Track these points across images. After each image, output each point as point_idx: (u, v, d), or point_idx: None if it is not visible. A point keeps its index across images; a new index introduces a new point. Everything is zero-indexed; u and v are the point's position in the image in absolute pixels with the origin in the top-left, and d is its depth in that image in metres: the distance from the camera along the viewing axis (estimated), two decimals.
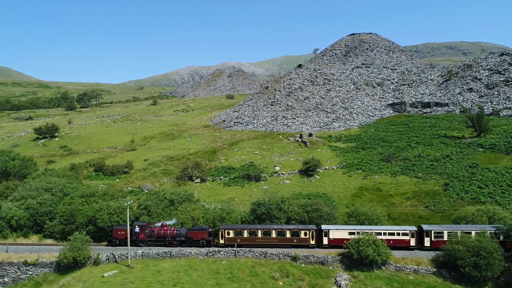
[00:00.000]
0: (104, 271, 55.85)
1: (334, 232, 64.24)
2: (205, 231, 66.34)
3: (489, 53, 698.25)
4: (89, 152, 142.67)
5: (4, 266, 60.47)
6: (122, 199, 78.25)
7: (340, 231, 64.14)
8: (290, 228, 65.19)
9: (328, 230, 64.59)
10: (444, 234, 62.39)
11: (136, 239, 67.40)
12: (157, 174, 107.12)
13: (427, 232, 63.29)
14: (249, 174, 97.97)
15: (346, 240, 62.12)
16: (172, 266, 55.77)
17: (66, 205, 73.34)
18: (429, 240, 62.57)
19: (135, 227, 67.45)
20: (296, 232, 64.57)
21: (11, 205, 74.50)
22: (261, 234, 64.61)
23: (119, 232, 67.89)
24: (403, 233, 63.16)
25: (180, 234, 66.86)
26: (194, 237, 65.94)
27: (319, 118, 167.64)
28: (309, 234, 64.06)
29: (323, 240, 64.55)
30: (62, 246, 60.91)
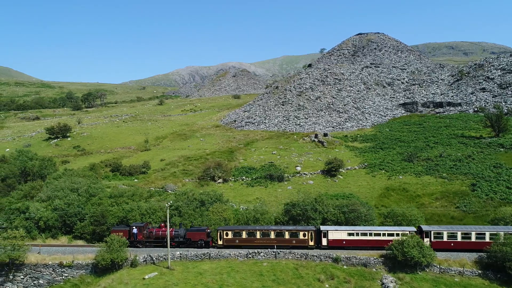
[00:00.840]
0: (143, 273, 54.97)
1: (333, 233, 63.83)
2: (203, 232, 65.94)
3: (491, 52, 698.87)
4: (102, 152, 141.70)
5: (39, 267, 59.57)
6: (149, 199, 77.23)
7: (339, 232, 63.84)
8: (289, 229, 64.78)
9: (327, 231, 64.17)
10: (444, 235, 61.88)
11: (134, 240, 66.93)
12: (177, 174, 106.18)
13: (427, 232, 62.64)
14: (271, 174, 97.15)
15: (345, 241, 62.27)
16: (213, 268, 54.91)
17: (96, 206, 72.42)
18: (428, 241, 61.90)
19: (133, 228, 66.85)
20: (295, 233, 64.13)
21: (38, 206, 73.46)
22: (260, 235, 64.25)
23: (117, 233, 66.67)
24: (402, 233, 62.39)
25: (179, 235, 66.42)
26: (192, 238, 65.55)
27: (331, 118, 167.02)
28: (308, 235, 63.62)
29: (322, 241, 64.08)
30: (97, 247, 59.92)
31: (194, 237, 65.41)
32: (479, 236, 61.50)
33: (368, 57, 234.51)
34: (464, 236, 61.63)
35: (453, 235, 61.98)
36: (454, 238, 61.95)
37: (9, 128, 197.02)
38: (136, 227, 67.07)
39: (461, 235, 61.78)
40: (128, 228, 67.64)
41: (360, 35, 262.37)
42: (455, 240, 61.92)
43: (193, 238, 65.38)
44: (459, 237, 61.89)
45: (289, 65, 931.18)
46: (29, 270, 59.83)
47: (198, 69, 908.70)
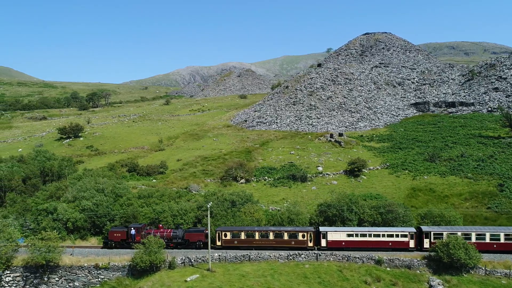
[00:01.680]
0: (184, 275, 54.05)
1: (332, 234, 63.31)
2: (201, 233, 65.54)
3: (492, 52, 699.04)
4: (116, 152, 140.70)
5: (74, 269, 58.62)
6: (179, 200, 76.23)
7: (339, 233, 63.31)
8: (287, 230, 64.29)
9: (326, 232, 63.65)
10: (444, 235, 61.15)
11: (132, 241, 66.38)
12: (197, 174, 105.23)
13: (427, 233, 62.09)
14: (294, 175, 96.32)
15: (344, 242, 61.76)
16: (255, 270, 54.03)
17: (125, 207, 71.42)
18: (428, 241, 61.44)
19: (131, 229, 66.43)
20: (294, 234, 63.70)
21: (66, 207, 72.39)
22: (259, 236, 63.81)
23: (115, 234, 67.12)
24: (402, 234, 62.18)
25: (177, 236, 66.04)
26: (191, 239, 65.15)
27: (343, 117, 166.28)
28: (307, 236, 63.16)
29: (321, 242, 63.55)
30: (135, 249, 58.94)
31: (192, 238, 65.18)
32: (479, 236, 61.12)
33: (377, 57, 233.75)
34: (465, 237, 60.95)
35: (454, 235, 60.87)
36: None
37: (17, 128, 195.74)
38: (134, 228, 66.60)
39: (461, 236, 60.96)
40: (126, 229, 67.44)
41: (367, 34, 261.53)
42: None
43: (192, 239, 65.14)
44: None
45: (289, 65, 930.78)
46: (64, 272, 58.86)
47: (199, 69, 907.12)
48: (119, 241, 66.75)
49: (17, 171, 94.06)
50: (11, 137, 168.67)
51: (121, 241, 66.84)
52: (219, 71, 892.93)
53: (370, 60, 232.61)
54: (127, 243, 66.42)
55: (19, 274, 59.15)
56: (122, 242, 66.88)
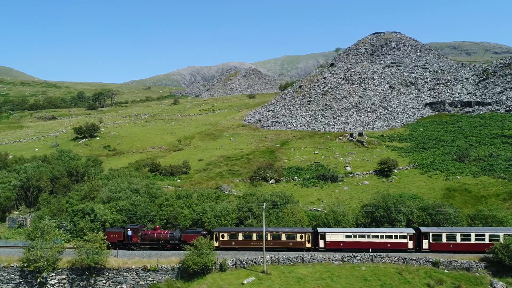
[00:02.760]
0: (238, 277, 52.82)
1: (330, 235, 62.63)
2: (199, 234, 64.38)
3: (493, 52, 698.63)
4: (134, 152, 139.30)
5: (122, 272, 57.33)
6: (217, 200, 74.98)
7: (337, 234, 62.57)
8: (285, 231, 63.65)
9: (324, 233, 62.97)
10: (443, 236, 60.74)
11: (129, 242, 66.24)
12: (224, 174, 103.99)
13: (426, 234, 61.45)
14: (324, 175, 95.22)
15: (342, 243, 61.24)
16: (312, 273, 52.85)
17: (164, 208, 70.13)
18: (427, 242, 60.89)
19: (127, 230, 66.20)
20: (291, 235, 63.07)
21: (103, 208, 71.08)
22: (256, 237, 63.09)
23: (111, 235, 66.65)
24: (400, 235, 61.51)
25: (174, 237, 65.58)
26: (188, 240, 64.02)
27: (360, 117, 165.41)
28: (305, 237, 62.49)
29: (319, 243, 62.91)
30: (185, 251, 57.65)
31: (190, 240, 63.87)
32: (479, 237, 60.49)
33: (388, 56, 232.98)
34: (464, 238, 60.68)
35: (452, 236, 60.96)
36: (453, 240, 60.92)
37: (29, 127, 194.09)
38: (131, 229, 66.45)
39: (460, 237, 60.79)
40: (122, 230, 67.03)
41: (376, 34, 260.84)
42: (454, 241, 60.87)
43: (189, 240, 63.86)
44: (458, 238, 60.89)
45: (290, 65, 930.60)
46: (111, 275, 57.57)
47: (199, 69, 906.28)
48: (116, 242, 66.42)
49: (44, 171, 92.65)
50: (24, 137, 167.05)
51: (117, 242, 66.51)
52: (219, 71, 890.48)
53: (381, 59, 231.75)
54: (124, 244, 66.30)
55: (65, 277, 57.89)
56: (118, 243, 66.60)
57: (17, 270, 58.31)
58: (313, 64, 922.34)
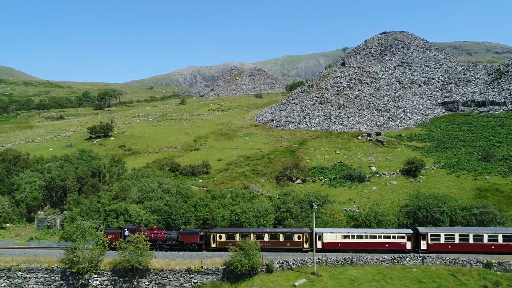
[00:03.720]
0: (287, 279, 51.90)
1: (328, 235, 62.43)
2: (196, 235, 64.69)
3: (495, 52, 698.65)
4: (151, 152, 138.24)
5: (165, 273, 56.32)
6: (253, 200, 73.97)
7: (334, 235, 62.43)
8: (283, 232, 63.48)
9: (322, 233, 62.72)
10: (441, 237, 60.39)
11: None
12: (247, 174, 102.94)
13: (424, 235, 61.15)
14: (351, 175, 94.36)
15: (340, 244, 61.15)
16: (363, 275, 51.95)
17: (200, 208, 69.09)
18: (425, 243, 60.52)
19: (124, 230, 66.00)
20: (289, 236, 62.87)
21: (137, 208, 70.03)
22: (254, 237, 62.60)
23: (108, 235, 65.79)
24: (398, 236, 61.24)
25: (171, 237, 65.36)
26: (185, 240, 64.50)
27: (374, 117, 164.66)
28: (302, 238, 62.21)
29: (317, 243, 62.35)
30: (230, 252, 56.64)
31: (187, 240, 64.45)
32: (477, 238, 60.22)
33: (397, 56, 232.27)
34: (462, 238, 60.36)
35: (451, 237, 60.60)
36: (452, 240, 60.60)
37: (38, 127, 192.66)
38: (128, 229, 66.06)
39: (458, 237, 60.45)
40: (119, 230, 66.66)
41: (385, 33, 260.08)
42: (453, 242, 60.54)
43: (186, 241, 64.40)
44: (457, 239, 60.55)
45: (290, 65, 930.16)
46: (154, 276, 56.56)
47: (200, 69, 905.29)
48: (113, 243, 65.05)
49: (69, 171, 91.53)
50: (36, 137, 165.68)
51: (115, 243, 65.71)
52: (220, 71, 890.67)
53: (391, 59, 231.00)
54: None
55: (107, 278, 56.87)
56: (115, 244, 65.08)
57: (57, 271, 57.28)
58: (313, 64, 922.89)
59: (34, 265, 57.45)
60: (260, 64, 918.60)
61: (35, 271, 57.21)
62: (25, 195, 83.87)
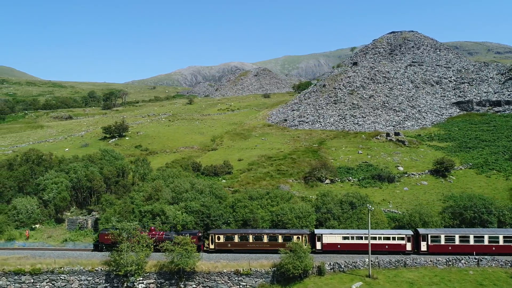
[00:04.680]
0: (342, 282, 50.72)
1: (327, 236, 61.96)
2: (194, 236, 63.67)
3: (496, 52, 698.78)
4: (168, 152, 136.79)
5: (213, 276, 55.10)
6: (291, 201, 72.68)
7: (334, 236, 61.92)
8: (282, 233, 62.83)
9: (321, 234, 62.27)
10: (442, 238, 59.83)
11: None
12: (273, 174, 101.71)
13: (424, 236, 60.66)
14: (380, 175, 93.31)
15: (339, 245, 60.68)
16: (420, 277, 50.90)
17: (239, 209, 67.81)
18: (425, 244, 59.97)
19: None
20: (288, 237, 62.16)
21: (173, 209, 68.70)
22: (253, 239, 62.25)
23: (105, 236, 65.66)
24: (398, 237, 60.78)
25: (169, 238, 63.79)
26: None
27: (389, 117, 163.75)
28: (302, 239, 61.41)
29: (316, 245, 62.18)
30: (280, 254, 55.36)
31: None
32: (478, 239, 59.67)
33: (407, 56, 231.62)
34: (462, 239, 59.83)
35: (451, 238, 60.05)
36: (452, 242, 60.11)
37: (49, 127, 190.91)
38: None
39: (459, 238, 59.91)
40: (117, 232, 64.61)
41: (394, 33, 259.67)
42: (453, 243, 59.99)
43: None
44: (457, 240, 60.01)
45: (291, 65, 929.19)
46: (201, 279, 55.32)
47: (200, 69, 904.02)
48: (110, 244, 65.04)
49: (94, 171, 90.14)
50: (49, 137, 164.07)
51: (111, 244, 64.74)
52: (220, 71, 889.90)
53: (401, 59, 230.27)
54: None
55: (153, 281, 55.61)
56: (112, 245, 64.38)
57: (102, 274, 55.99)
58: (314, 64, 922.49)
59: (77, 268, 56.11)
60: (260, 64, 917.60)
61: (79, 273, 55.87)
62: (53, 196, 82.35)
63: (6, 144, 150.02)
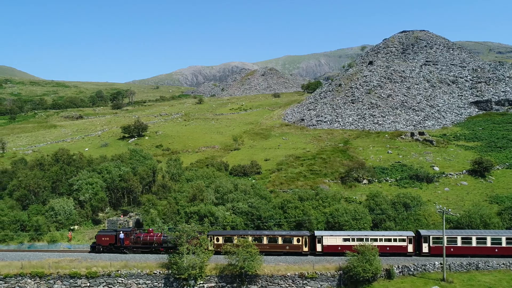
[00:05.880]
0: (414, 286, 49.24)
1: (328, 238, 60.79)
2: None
3: (498, 52, 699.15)
4: (190, 152, 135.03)
5: (276, 279, 53.28)
6: (338, 202, 70.95)
7: (335, 238, 60.74)
8: (282, 234, 61.82)
9: (321, 236, 61.07)
10: (444, 240, 57.73)
11: (121, 245, 64.49)
12: (306, 175, 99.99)
13: (425, 237, 59.48)
14: (418, 175, 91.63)
15: (340, 247, 59.50)
16: (496, 281, 49.42)
17: (290, 210, 66.03)
18: (427, 246, 58.79)
19: (119, 233, 64.89)
20: (288, 239, 61.23)
21: (221, 210, 66.86)
22: (252, 240, 60.50)
23: (103, 238, 64.82)
24: (400, 239, 59.61)
25: (167, 240, 63.47)
26: None
27: (409, 116, 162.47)
28: (302, 241, 60.43)
29: (316, 247, 61.09)
30: (346, 256, 53.59)
31: None
32: (480, 241, 58.55)
33: (420, 55, 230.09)
34: (465, 241, 58.76)
35: (453, 240, 58.83)
36: (454, 243, 58.90)
37: (62, 127, 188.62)
38: (123, 232, 65.22)
39: (461, 240, 58.80)
40: (114, 233, 65.24)
41: (405, 32, 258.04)
42: (455, 245, 58.80)
43: None
44: (459, 242, 58.89)
45: (291, 64, 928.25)
46: (264, 282, 53.50)
47: (201, 68, 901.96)
48: (107, 246, 64.52)
49: (126, 172, 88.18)
50: (65, 136, 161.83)
51: (109, 246, 64.56)
52: (221, 70, 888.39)
53: (414, 58, 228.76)
54: (115, 247, 64.38)
55: (214, 284, 53.82)
56: (110, 247, 64.57)
57: (161, 277, 54.08)
58: (314, 64, 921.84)
59: (134, 270, 54.10)
60: (261, 64, 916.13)
61: (136, 276, 53.91)
62: (89, 196, 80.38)
63: (24, 143, 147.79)
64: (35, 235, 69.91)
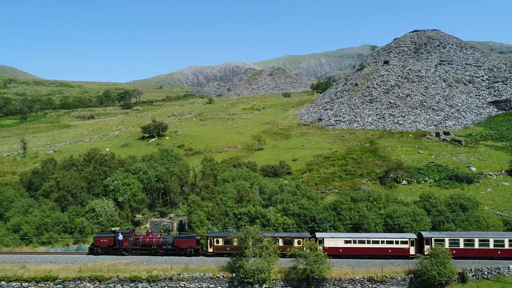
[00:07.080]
0: None
1: (329, 240, 59.91)
2: (192, 239, 62.13)
3: (499, 52, 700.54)
4: (213, 152, 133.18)
5: (344, 283, 51.72)
6: (390, 202, 69.35)
7: (336, 239, 59.99)
8: (282, 236, 60.87)
9: (323, 238, 60.13)
10: (446, 242, 57.77)
11: (119, 247, 63.63)
12: (341, 175, 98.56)
13: (427, 239, 58.49)
14: (457, 175, 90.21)
15: (341, 249, 59.07)
16: None
17: (345, 211, 64.35)
18: (429, 248, 57.18)
19: (118, 235, 63.99)
20: (289, 241, 60.11)
21: (272, 211, 65.17)
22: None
23: (101, 240, 63.99)
24: (402, 241, 58.89)
25: (167, 242, 63.03)
26: (181, 245, 62.17)
27: (429, 116, 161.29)
28: (303, 243, 58.71)
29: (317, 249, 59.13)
30: (419, 259, 51.98)
31: (183, 245, 61.96)
32: (483, 243, 57.70)
33: (434, 55, 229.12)
34: (467, 243, 57.92)
35: (455, 242, 57.94)
36: (456, 245, 57.99)
37: (76, 127, 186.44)
38: (122, 233, 64.17)
39: (463, 242, 57.91)
40: (113, 235, 64.35)
41: (417, 32, 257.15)
42: (457, 247, 57.90)
43: (182, 245, 61.93)
44: (462, 244, 57.99)
45: (292, 64, 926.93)
46: (332, 286, 51.80)
47: (202, 68, 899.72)
48: (106, 247, 63.65)
49: (163, 172, 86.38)
50: (81, 137, 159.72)
51: (107, 247, 63.56)
52: (222, 70, 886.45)
53: (428, 57, 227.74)
54: (114, 249, 63.47)
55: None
56: (108, 249, 63.67)
57: (224, 281, 52.39)
58: (315, 64, 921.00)
59: (197, 274, 52.33)
60: (261, 64, 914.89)
61: (199, 280, 52.16)
62: (128, 197, 78.54)
63: (43, 143, 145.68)
64: (81, 237, 68.01)
